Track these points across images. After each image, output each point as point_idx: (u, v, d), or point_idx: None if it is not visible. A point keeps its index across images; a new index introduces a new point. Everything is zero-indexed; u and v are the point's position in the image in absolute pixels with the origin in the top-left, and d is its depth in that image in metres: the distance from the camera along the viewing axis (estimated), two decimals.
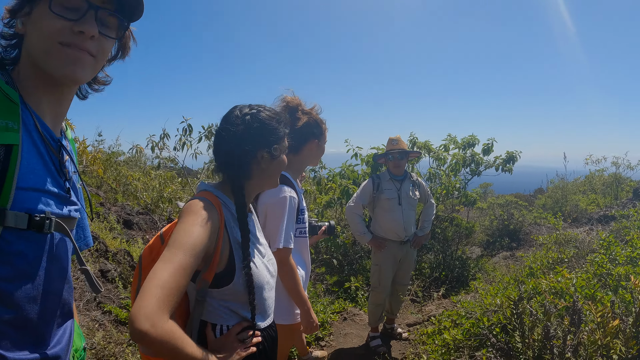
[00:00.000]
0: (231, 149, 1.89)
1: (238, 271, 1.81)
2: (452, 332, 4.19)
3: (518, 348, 2.86)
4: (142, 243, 6.62)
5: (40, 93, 1.30)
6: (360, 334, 5.59)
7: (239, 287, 1.81)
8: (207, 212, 1.71)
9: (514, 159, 8.00)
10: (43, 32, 1.24)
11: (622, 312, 2.79)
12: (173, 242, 1.59)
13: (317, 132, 3.05)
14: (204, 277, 1.75)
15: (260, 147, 1.91)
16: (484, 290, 4.75)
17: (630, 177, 13.37)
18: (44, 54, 1.25)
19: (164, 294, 1.43)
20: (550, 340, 2.57)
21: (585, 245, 5.99)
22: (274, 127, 1.95)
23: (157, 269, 1.49)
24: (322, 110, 3.14)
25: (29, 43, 1.27)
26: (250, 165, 1.92)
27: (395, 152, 5.07)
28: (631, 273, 3.70)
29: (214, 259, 1.74)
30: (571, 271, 4.44)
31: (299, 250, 3.05)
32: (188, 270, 1.55)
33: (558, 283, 3.76)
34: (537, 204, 13.31)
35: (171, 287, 1.46)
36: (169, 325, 1.42)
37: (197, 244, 1.60)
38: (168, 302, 1.44)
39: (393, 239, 5.11)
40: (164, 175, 8.69)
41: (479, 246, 10.33)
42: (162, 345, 1.40)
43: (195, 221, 1.66)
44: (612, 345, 2.52)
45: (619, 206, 10.67)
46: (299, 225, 2.98)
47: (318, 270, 7.32)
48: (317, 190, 8.27)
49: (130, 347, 4.40)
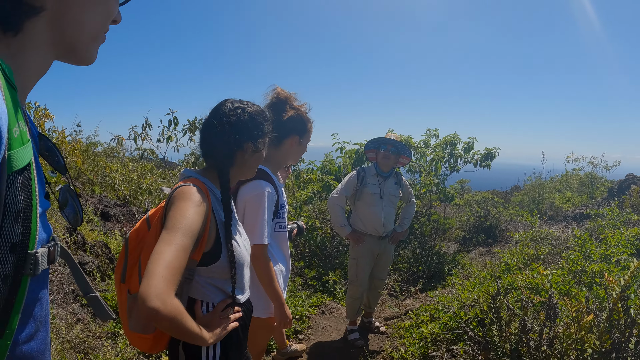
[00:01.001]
0: (221, 137, 2.04)
1: (224, 249, 1.97)
2: (429, 325, 4.23)
3: (495, 341, 2.91)
4: (120, 235, 6.57)
5: (33, 72, 1.03)
6: (339, 328, 5.62)
7: (224, 264, 1.97)
8: (199, 197, 1.85)
9: (492, 155, 8.08)
10: (102, 16, 1.08)
11: (597, 308, 2.85)
12: (171, 225, 1.72)
13: (300, 129, 3.05)
14: (193, 257, 1.89)
15: (247, 139, 2.08)
16: (461, 285, 4.81)
17: (605, 177, 13.62)
18: (90, 39, 1.08)
19: (170, 274, 1.56)
20: (527, 334, 2.62)
21: (561, 242, 6.09)
22: (260, 122, 2.12)
23: (161, 251, 1.62)
24: (311, 110, 3.17)
25: (73, 19, 1.02)
26: (236, 154, 2.08)
27: (389, 142, 5.04)
28: (605, 270, 3.78)
29: (203, 239, 1.89)
30: (546, 268, 4.51)
31: (279, 245, 3.06)
32: (188, 251, 1.69)
33: (534, 279, 3.82)
34: (514, 201, 13.46)
35: (175, 266, 1.60)
36: (176, 302, 1.56)
37: (193, 226, 1.75)
38: (174, 281, 1.58)
39: (372, 234, 5.14)
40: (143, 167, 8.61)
41: (456, 242, 10.43)
42: (171, 321, 1.54)
43: (189, 205, 1.80)
44: (586, 339, 2.58)
45: (594, 205, 10.86)
46: (279, 220, 2.99)
47: (297, 264, 7.34)
48: (296, 184, 8.27)
49: (109, 340, 4.37)
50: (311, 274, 7.11)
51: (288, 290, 6.25)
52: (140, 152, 7.03)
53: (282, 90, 3.05)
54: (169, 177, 7.76)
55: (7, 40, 0.92)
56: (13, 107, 0.83)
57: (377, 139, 5.17)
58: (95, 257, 5.54)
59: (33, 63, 1.00)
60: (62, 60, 1.08)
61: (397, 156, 5.14)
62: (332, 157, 8.19)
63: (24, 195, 0.84)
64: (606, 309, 2.78)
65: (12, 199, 0.81)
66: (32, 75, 1.02)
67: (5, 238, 0.81)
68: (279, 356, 4.69)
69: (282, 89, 3.06)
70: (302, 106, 3.10)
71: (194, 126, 6.65)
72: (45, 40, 0.99)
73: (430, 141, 8.38)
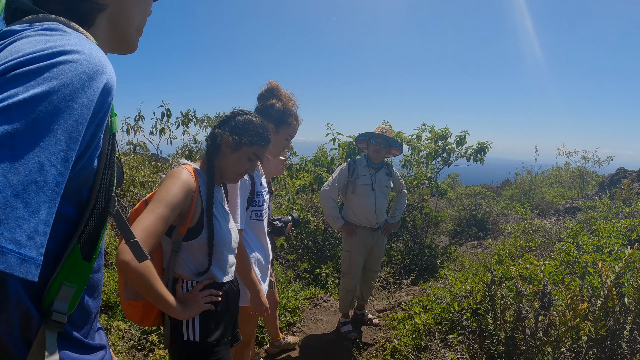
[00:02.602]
0: (214, 129, 2.39)
1: (205, 226, 2.19)
2: (422, 317, 4.23)
3: (490, 329, 2.91)
4: (111, 229, 6.52)
5: None
6: (331, 320, 5.62)
7: (204, 241, 2.19)
8: (186, 177, 2.12)
9: (485, 149, 8.08)
10: (144, 11, 1.30)
11: (591, 296, 2.86)
12: (156, 197, 2.02)
13: (277, 118, 3.09)
14: (179, 231, 2.14)
15: (229, 132, 2.33)
16: (454, 277, 4.81)
17: (596, 172, 13.67)
18: (136, 32, 1.29)
19: (145, 236, 1.86)
20: (522, 321, 2.62)
21: (553, 234, 6.11)
22: (248, 127, 2.35)
23: (141, 217, 1.93)
24: (298, 107, 3.26)
25: (125, 14, 1.22)
26: (220, 144, 2.33)
27: (381, 136, 5.05)
28: (598, 260, 3.79)
29: (188, 216, 2.13)
30: (539, 259, 4.52)
31: (255, 234, 3.09)
32: (165, 220, 1.97)
33: (527, 269, 3.83)
34: (505, 195, 13.52)
35: (151, 231, 1.89)
36: (146, 262, 1.81)
37: (174, 200, 2.02)
38: (148, 243, 1.87)
39: (364, 225, 5.15)
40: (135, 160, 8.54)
41: (447, 235, 10.45)
42: (139, 276, 1.83)
43: (174, 183, 2.07)
44: (581, 326, 2.59)
45: (585, 198, 10.91)
46: (255, 208, 3.02)
47: (289, 256, 7.32)
48: (288, 175, 8.25)
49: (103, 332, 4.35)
50: (304, 266, 7.11)
51: (280, 282, 6.24)
52: (132, 145, 6.97)
53: (273, 83, 3.16)
54: (161, 170, 7.71)
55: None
56: None
57: (368, 133, 5.19)
58: None
59: None
60: (113, 52, 1.28)
61: (388, 149, 5.18)
62: (325, 149, 8.17)
63: (112, 150, 1.08)
64: (600, 296, 2.78)
65: (110, 151, 1.06)
66: None
67: (105, 182, 1.06)
68: (272, 348, 4.68)
69: (275, 82, 3.16)
70: (289, 100, 3.18)
71: (187, 118, 6.60)
72: (105, 35, 1.20)
73: (423, 135, 8.37)
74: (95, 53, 0.94)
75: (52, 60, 0.85)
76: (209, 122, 7.49)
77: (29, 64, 0.82)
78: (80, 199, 1.04)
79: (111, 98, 0.98)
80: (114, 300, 4.94)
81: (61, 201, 0.88)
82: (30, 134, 0.79)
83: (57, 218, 0.89)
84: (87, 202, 1.04)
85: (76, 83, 0.87)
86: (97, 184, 1.04)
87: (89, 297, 1.15)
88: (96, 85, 0.91)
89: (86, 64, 0.90)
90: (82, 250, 1.04)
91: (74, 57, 0.88)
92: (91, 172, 1.02)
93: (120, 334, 4.40)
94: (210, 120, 7.52)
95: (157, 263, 2.23)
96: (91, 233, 1.05)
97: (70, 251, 1.01)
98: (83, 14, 1.10)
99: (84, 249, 1.04)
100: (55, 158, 0.82)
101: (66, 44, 0.90)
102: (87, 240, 1.05)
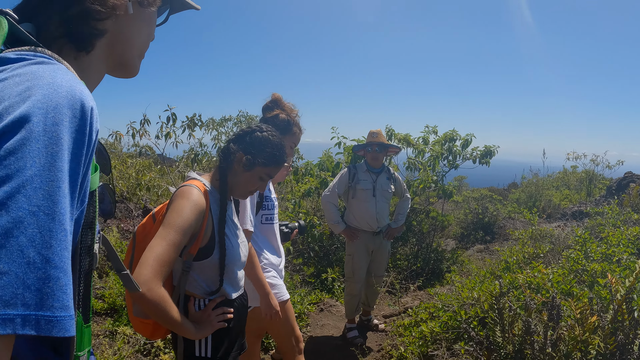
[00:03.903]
0: (228, 143, 2.32)
1: (216, 247, 2.15)
2: (429, 324, 4.21)
3: (498, 342, 2.89)
4: (117, 232, 6.54)
5: (92, 85, 1.21)
6: (337, 325, 5.61)
7: (216, 261, 2.15)
8: (196, 197, 2.06)
9: (492, 153, 8.05)
10: (146, 36, 1.30)
11: (600, 309, 2.83)
12: (167, 222, 1.96)
13: (282, 128, 3.13)
14: (190, 251, 2.10)
15: (242, 151, 2.25)
16: (461, 283, 4.79)
17: (603, 175, 13.57)
18: (137, 56, 1.29)
19: (158, 265, 1.83)
20: (531, 335, 2.60)
21: (561, 241, 6.07)
22: (264, 146, 2.27)
23: (153, 244, 1.88)
24: (300, 118, 3.34)
25: (126, 39, 1.22)
26: (233, 161, 2.26)
27: (374, 144, 5.12)
28: (607, 270, 3.76)
29: (199, 236, 2.09)
30: (547, 266, 4.49)
31: (266, 237, 3.17)
32: (178, 246, 1.93)
33: (534, 278, 3.80)
34: (511, 198, 13.46)
35: (164, 260, 1.86)
36: (161, 291, 1.82)
37: (185, 225, 1.97)
38: (161, 272, 1.84)
39: (365, 230, 5.20)
40: (141, 163, 8.56)
41: (454, 239, 10.42)
42: (155, 307, 1.80)
43: (185, 205, 2.01)
44: (590, 340, 2.56)
45: (592, 203, 10.85)
46: (265, 212, 3.12)
47: (295, 261, 7.32)
48: (294, 179, 8.26)
49: (106, 338, 4.35)
50: (309, 271, 7.10)
51: (287, 287, 6.22)
52: (138, 148, 6.99)
53: (277, 95, 3.24)
54: (167, 173, 7.72)
55: (79, 58, 1.12)
56: None
57: (362, 144, 5.42)
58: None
59: (93, 77, 1.20)
60: (111, 74, 1.30)
61: (385, 152, 5.28)
62: (330, 153, 8.18)
63: (92, 210, 1.05)
64: (610, 310, 2.76)
65: (88, 213, 1.03)
66: (91, 88, 1.21)
67: (84, 243, 1.04)
68: (278, 354, 4.67)
69: (279, 95, 3.25)
70: (292, 110, 3.27)
71: (192, 123, 6.61)
72: (103, 59, 1.20)
73: (429, 138, 8.35)
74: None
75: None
76: (214, 126, 7.50)
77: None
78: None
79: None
80: (120, 303, 4.94)
81: None
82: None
83: None
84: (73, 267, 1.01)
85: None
86: (77, 248, 1.02)
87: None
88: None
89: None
90: (83, 315, 1.07)
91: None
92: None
93: (125, 338, 4.40)
94: (215, 123, 7.54)
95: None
96: (84, 296, 1.07)
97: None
98: (81, 39, 1.11)
99: (84, 315, 1.07)
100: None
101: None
102: (84, 305, 1.07)
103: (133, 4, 1.19)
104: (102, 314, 4.89)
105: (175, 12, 1.45)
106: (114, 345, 4.21)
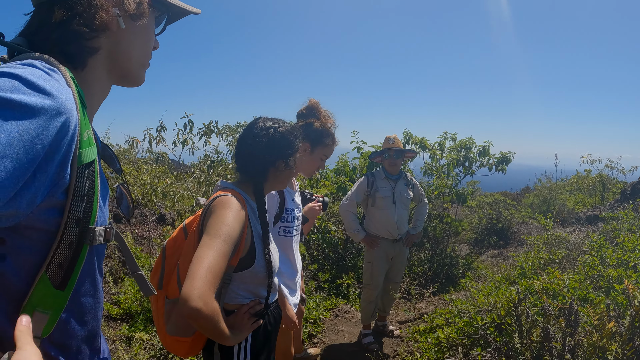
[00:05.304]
0: (256, 155, 2.22)
1: (259, 257, 2.13)
2: (445, 330, 4.22)
3: (517, 349, 2.90)
4: (132, 237, 6.59)
5: (96, 97, 1.31)
6: (353, 331, 5.62)
7: (258, 270, 2.13)
8: (237, 206, 2.01)
9: (508, 160, 8.06)
10: (145, 46, 1.36)
11: (617, 315, 2.84)
12: (213, 231, 1.89)
13: (314, 138, 3.11)
14: (231, 263, 2.04)
15: (279, 157, 2.23)
16: (476, 289, 4.79)
17: (617, 178, 13.48)
18: (139, 66, 1.35)
19: (211, 277, 1.74)
20: (549, 342, 2.61)
21: (576, 246, 6.05)
22: (291, 140, 2.27)
23: (203, 255, 1.79)
24: (337, 127, 3.29)
25: (123, 52, 1.29)
26: (269, 170, 2.24)
27: (391, 150, 5.12)
28: (623, 276, 3.75)
29: (240, 246, 2.05)
30: (563, 272, 4.49)
31: (283, 249, 3.05)
32: (227, 256, 1.86)
33: (551, 284, 3.81)
34: (525, 202, 13.41)
35: (216, 270, 1.77)
36: (216, 304, 1.74)
37: (233, 233, 1.91)
38: (214, 284, 1.75)
39: (386, 237, 5.17)
40: (157, 169, 8.62)
41: (467, 244, 10.39)
42: (210, 321, 1.71)
43: (229, 213, 1.96)
44: (608, 346, 2.57)
45: (606, 207, 10.78)
46: (283, 224, 3.01)
47: (310, 267, 7.35)
48: (309, 184, 8.29)
49: (123, 344, 4.39)
50: (325, 277, 7.12)
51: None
52: (155, 155, 7.05)
53: (314, 101, 3.19)
54: (183, 179, 7.78)
55: (77, 74, 1.17)
56: (83, 117, 1.10)
57: (378, 151, 5.39)
58: (108, 259, 5.55)
59: (97, 90, 1.28)
60: (118, 84, 1.37)
61: (402, 158, 5.26)
62: (347, 158, 8.21)
63: (88, 183, 1.11)
64: (627, 316, 2.76)
65: (79, 184, 1.08)
66: (96, 100, 1.30)
67: (73, 214, 1.08)
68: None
69: (316, 101, 3.19)
70: (328, 120, 3.19)
71: (209, 130, 6.66)
72: (105, 72, 1.28)
73: (446, 144, 8.36)
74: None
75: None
76: (229, 132, 7.54)
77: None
78: (49, 231, 1.08)
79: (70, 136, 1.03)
80: (135, 309, 4.97)
81: (30, 232, 1.04)
82: None
83: (26, 249, 1.05)
84: (55, 234, 1.08)
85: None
86: (64, 218, 1.07)
87: (76, 321, 1.21)
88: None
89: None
90: (53, 279, 1.09)
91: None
92: (56, 205, 1.07)
93: (142, 344, 4.43)
94: (231, 129, 7.57)
95: None
96: (61, 263, 1.09)
97: (38, 280, 1.06)
98: (73, 57, 1.18)
99: (55, 279, 1.09)
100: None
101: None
102: (58, 271, 1.09)
103: (124, 19, 1.24)
104: (118, 319, 4.93)
105: (175, 20, 1.50)
106: (130, 350, 4.25)
